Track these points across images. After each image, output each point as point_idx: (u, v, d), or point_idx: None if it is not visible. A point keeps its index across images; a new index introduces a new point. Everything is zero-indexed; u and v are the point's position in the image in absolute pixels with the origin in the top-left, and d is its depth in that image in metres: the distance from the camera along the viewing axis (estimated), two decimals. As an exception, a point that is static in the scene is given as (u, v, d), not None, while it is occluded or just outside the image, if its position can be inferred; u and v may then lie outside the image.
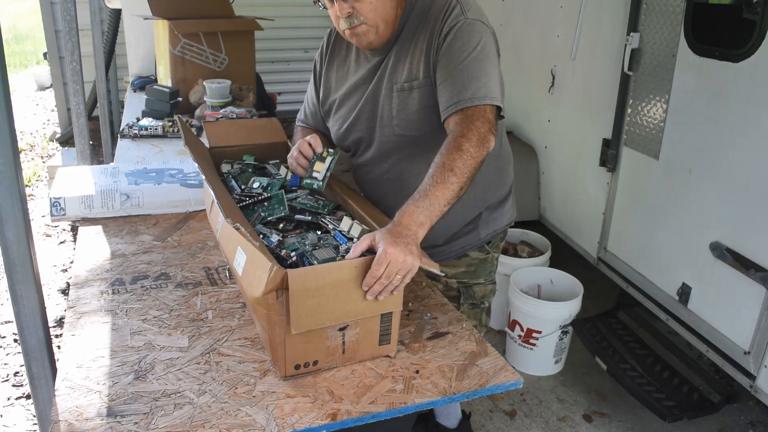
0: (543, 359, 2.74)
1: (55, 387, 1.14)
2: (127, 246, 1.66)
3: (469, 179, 1.29)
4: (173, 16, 2.90)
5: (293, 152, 1.56)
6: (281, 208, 1.43)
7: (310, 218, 1.42)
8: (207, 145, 1.72)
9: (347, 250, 1.22)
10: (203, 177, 1.44)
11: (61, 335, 1.32)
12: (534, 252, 3.09)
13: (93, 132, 3.86)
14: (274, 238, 1.30)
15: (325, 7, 1.50)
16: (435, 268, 1.22)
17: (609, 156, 2.77)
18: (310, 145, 1.54)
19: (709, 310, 2.24)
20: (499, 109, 1.41)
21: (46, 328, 1.31)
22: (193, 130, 2.54)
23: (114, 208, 1.80)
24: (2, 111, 1.10)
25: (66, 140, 5.61)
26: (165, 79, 3.10)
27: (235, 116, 2.56)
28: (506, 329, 2.81)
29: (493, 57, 1.44)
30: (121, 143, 2.52)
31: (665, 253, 2.46)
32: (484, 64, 1.40)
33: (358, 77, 1.61)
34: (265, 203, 1.46)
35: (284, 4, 5.52)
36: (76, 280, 1.50)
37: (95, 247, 1.65)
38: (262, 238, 1.28)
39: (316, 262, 1.20)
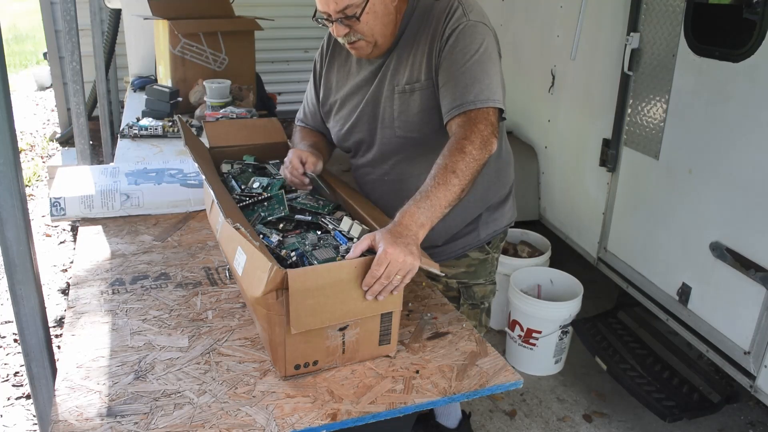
0: (543, 359, 2.74)
1: (55, 387, 1.14)
2: (127, 246, 1.66)
3: (470, 182, 1.29)
4: (173, 16, 2.90)
5: (287, 166, 1.57)
6: (281, 208, 1.43)
7: (310, 218, 1.42)
8: (207, 145, 1.72)
9: (347, 250, 1.22)
10: (203, 177, 1.44)
11: (61, 335, 1.32)
12: (534, 252, 3.09)
13: (93, 132, 3.85)
14: (274, 238, 1.30)
15: (324, 25, 1.51)
16: (435, 268, 1.22)
17: (609, 156, 2.77)
18: (302, 164, 1.56)
19: (709, 310, 2.24)
20: (501, 111, 1.41)
21: (46, 328, 1.31)
22: (193, 130, 2.54)
23: (114, 208, 1.80)
24: (2, 111, 1.10)
25: (66, 140, 5.61)
26: (165, 79, 3.10)
27: (235, 116, 2.55)
28: (506, 329, 2.81)
29: (495, 59, 1.44)
30: (121, 143, 2.51)
31: (665, 253, 2.46)
32: (486, 67, 1.41)
33: (359, 79, 1.61)
34: (265, 203, 1.46)
35: (284, 4, 5.53)
36: (76, 280, 1.50)
37: (95, 247, 1.65)
38: (262, 238, 1.28)
39: (316, 262, 1.20)
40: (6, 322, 3.05)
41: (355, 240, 1.27)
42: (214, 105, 2.71)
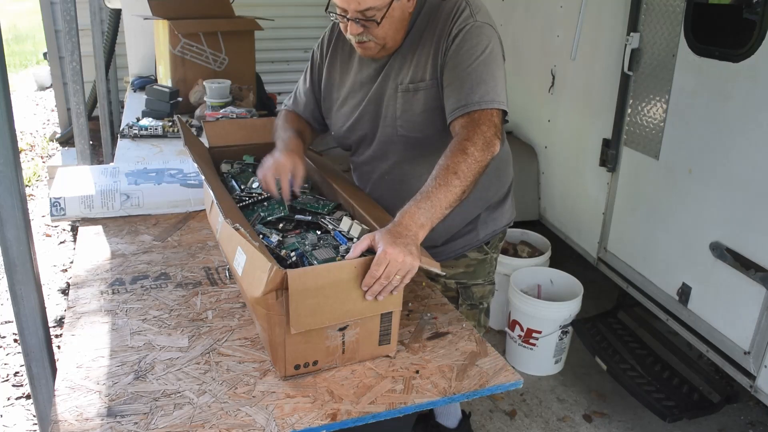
0: (543, 359, 2.74)
1: (55, 387, 1.14)
2: (127, 246, 1.66)
3: (472, 183, 1.29)
4: (173, 16, 2.90)
5: (270, 168, 1.49)
6: (281, 208, 1.43)
7: (310, 218, 1.42)
8: (207, 145, 1.72)
9: (347, 250, 1.22)
10: (203, 177, 1.44)
11: (61, 335, 1.32)
12: (534, 252, 3.09)
13: (93, 132, 3.85)
14: (274, 238, 1.30)
15: (335, 20, 1.50)
16: (436, 268, 1.22)
17: (609, 156, 2.77)
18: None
19: (709, 310, 2.24)
20: (504, 113, 1.41)
21: (46, 328, 1.31)
22: (193, 130, 2.54)
23: (114, 208, 1.80)
24: (2, 111, 1.10)
25: (66, 140, 5.61)
26: (165, 79, 3.10)
27: (235, 116, 2.55)
28: (506, 329, 2.81)
29: (500, 61, 1.44)
30: (121, 143, 2.51)
31: (665, 253, 2.46)
32: (491, 68, 1.40)
33: (362, 76, 1.60)
34: (265, 203, 1.46)
35: (284, 4, 5.52)
36: (76, 280, 1.50)
37: (95, 247, 1.65)
38: (262, 238, 1.28)
39: (316, 262, 1.20)
40: (6, 322, 3.05)
41: (355, 240, 1.27)
42: (214, 105, 2.71)
